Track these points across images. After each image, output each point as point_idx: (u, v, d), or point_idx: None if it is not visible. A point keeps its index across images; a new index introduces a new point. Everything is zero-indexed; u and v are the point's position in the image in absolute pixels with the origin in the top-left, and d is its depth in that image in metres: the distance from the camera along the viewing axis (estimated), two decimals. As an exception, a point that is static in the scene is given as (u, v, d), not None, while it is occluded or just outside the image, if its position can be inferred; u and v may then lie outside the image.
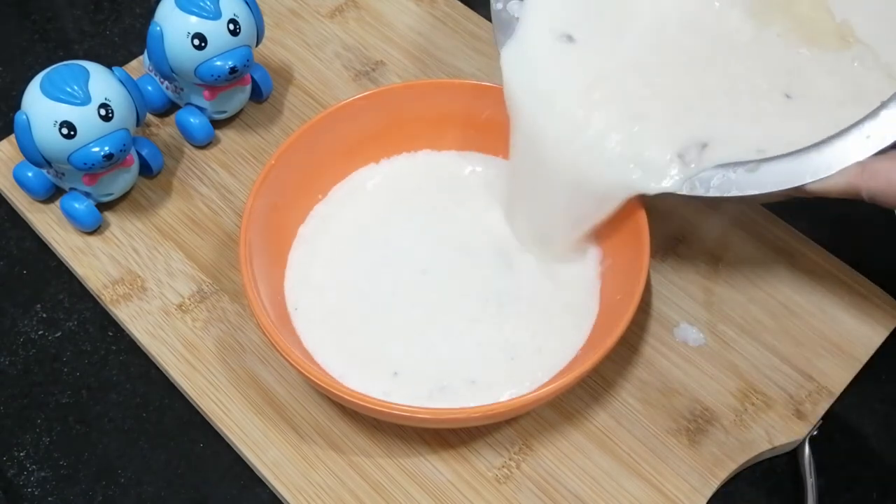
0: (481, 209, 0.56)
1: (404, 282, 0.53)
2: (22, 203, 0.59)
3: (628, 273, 0.51)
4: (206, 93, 0.58)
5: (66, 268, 0.57)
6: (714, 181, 0.47)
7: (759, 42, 0.51)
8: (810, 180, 0.44)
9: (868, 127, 0.43)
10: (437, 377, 0.49)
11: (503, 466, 0.49)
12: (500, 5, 0.52)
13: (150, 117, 0.62)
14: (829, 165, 0.44)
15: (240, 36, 0.56)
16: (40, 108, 0.52)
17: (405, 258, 0.54)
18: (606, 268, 0.52)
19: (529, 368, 0.49)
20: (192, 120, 0.59)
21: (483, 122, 0.56)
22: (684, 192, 0.47)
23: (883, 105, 0.43)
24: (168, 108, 0.62)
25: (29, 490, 0.50)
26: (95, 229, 0.57)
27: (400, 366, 0.49)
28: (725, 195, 0.46)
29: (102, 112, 0.52)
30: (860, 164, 0.43)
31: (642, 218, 0.50)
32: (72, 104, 0.51)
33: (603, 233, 0.52)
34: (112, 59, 0.67)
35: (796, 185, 0.45)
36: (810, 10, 0.50)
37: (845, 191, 0.44)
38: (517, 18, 0.51)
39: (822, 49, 0.50)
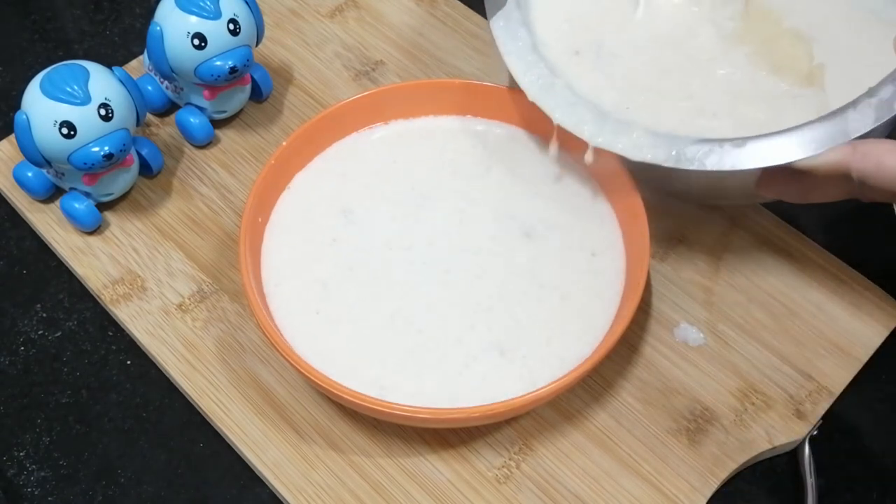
0: (483, 184, 0.55)
1: (388, 271, 0.52)
2: (22, 203, 0.59)
3: (628, 273, 0.51)
4: (206, 92, 0.58)
5: (66, 268, 0.57)
6: (699, 154, 0.46)
7: (724, 56, 0.53)
8: (801, 156, 0.44)
9: (862, 105, 0.44)
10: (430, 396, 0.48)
11: (503, 466, 0.49)
12: None
13: (149, 117, 0.62)
14: (821, 142, 0.44)
15: (240, 36, 0.56)
16: (40, 107, 0.52)
17: (392, 239, 0.53)
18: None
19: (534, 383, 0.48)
20: (192, 120, 0.59)
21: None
22: (669, 164, 0.47)
23: (881, 84, 0.44)
24: (168, 108, 0.62)
25: (29, 490, 0.50)
26: (95, 229, 0.57)
27: (387, 381, 0.48)
28: (711, 169, 0.46)
29: (102, 112, 0.52)
30: (852, 143, 0.43)
31: (642, 218, 0.50)
32: (72, 104, 0.51)
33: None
34: (112, 58, 0.67)
35: (785, 160, 0.45)
36: (790, 47, 0.52)
37: (835, 168, 0.44)
38: None
39: (780, 80, 0.51)
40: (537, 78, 0.51)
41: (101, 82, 0.53)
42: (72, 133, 0.52)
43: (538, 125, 0.56)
